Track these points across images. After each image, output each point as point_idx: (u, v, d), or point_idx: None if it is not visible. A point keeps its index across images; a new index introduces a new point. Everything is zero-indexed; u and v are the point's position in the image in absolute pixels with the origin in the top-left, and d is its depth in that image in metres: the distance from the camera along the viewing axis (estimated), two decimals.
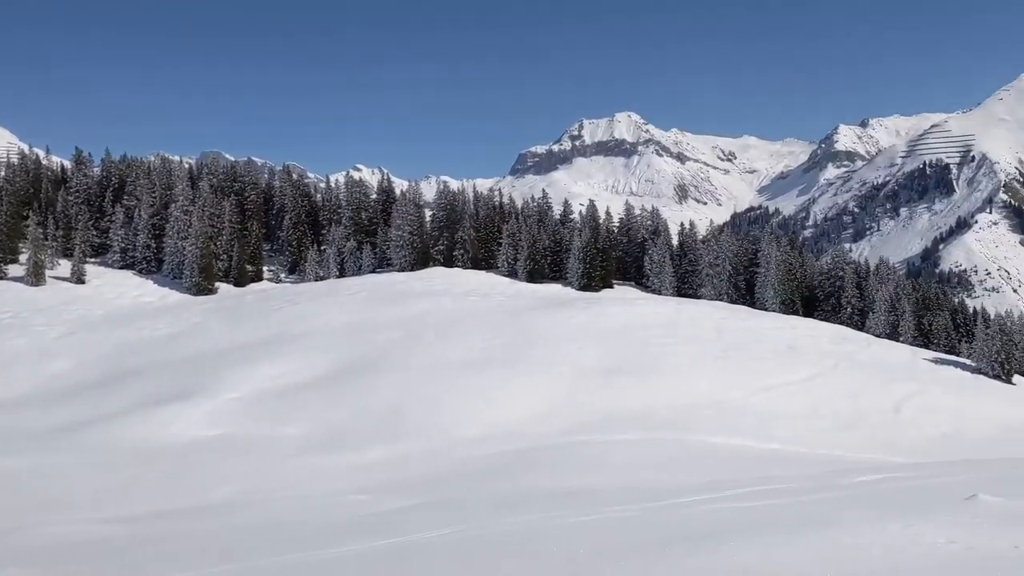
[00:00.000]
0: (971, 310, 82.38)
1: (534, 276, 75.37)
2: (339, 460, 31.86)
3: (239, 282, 74.80)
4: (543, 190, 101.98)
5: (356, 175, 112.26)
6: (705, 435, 36.52)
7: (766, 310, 72.08)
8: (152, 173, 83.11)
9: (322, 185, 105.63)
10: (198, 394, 41.25)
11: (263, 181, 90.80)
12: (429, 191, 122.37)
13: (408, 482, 27.58)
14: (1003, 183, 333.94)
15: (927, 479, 21.09)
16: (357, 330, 53.84)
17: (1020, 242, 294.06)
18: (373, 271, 77.93)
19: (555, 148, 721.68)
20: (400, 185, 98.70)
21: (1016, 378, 61.19)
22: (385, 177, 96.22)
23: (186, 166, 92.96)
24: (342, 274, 77.52)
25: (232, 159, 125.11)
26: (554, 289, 72.85)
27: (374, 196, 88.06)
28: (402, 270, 76.27)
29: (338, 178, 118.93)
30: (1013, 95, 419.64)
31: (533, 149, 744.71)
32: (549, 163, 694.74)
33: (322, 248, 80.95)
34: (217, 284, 72.81)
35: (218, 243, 75.13)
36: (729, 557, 10.51)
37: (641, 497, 18.74)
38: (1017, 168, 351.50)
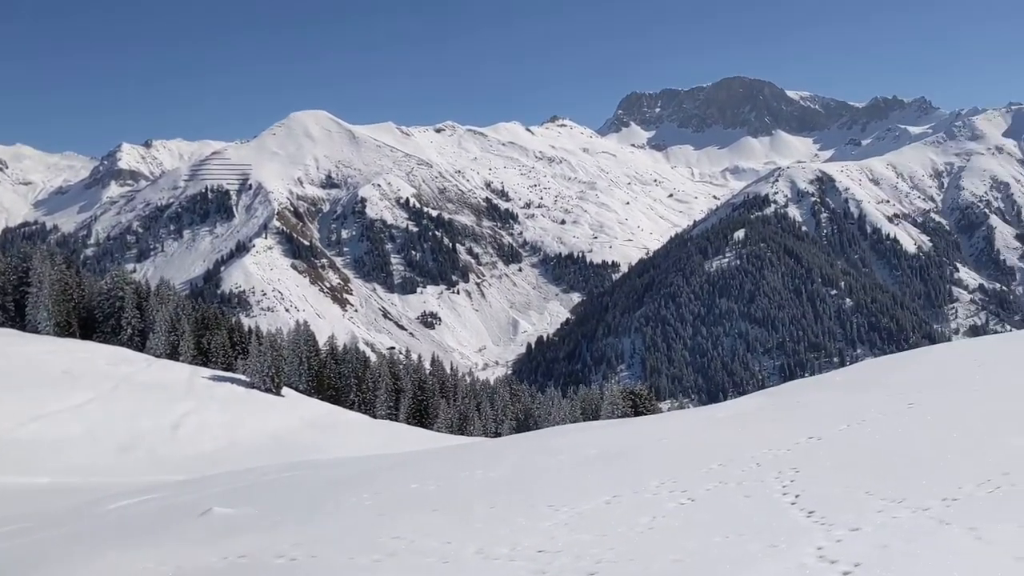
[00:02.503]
0: (247, 328, 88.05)
1: None
2: None
3: None
4: None
5: None
6: None
7: (39, 333, 67.01)
8: None
9: None
10: None
11: None
12: None
13: None
14: (276, 211, 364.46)
15: (179, 497, 21.50)
16: None
17: (291, 265, 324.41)
18: None
19: None
20: None
21: (285, 390, 67.37)
22: None
23: None
24: None
25: None
26: None
27: None
28: None
29: None
30: (284, 131, 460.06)
31: None
32: None
33: None
34: None
35: None
36: None
37: None
38: (288, 198, 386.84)
